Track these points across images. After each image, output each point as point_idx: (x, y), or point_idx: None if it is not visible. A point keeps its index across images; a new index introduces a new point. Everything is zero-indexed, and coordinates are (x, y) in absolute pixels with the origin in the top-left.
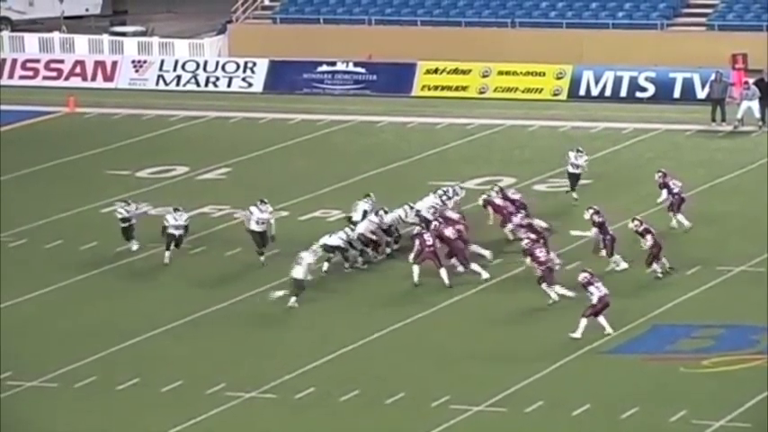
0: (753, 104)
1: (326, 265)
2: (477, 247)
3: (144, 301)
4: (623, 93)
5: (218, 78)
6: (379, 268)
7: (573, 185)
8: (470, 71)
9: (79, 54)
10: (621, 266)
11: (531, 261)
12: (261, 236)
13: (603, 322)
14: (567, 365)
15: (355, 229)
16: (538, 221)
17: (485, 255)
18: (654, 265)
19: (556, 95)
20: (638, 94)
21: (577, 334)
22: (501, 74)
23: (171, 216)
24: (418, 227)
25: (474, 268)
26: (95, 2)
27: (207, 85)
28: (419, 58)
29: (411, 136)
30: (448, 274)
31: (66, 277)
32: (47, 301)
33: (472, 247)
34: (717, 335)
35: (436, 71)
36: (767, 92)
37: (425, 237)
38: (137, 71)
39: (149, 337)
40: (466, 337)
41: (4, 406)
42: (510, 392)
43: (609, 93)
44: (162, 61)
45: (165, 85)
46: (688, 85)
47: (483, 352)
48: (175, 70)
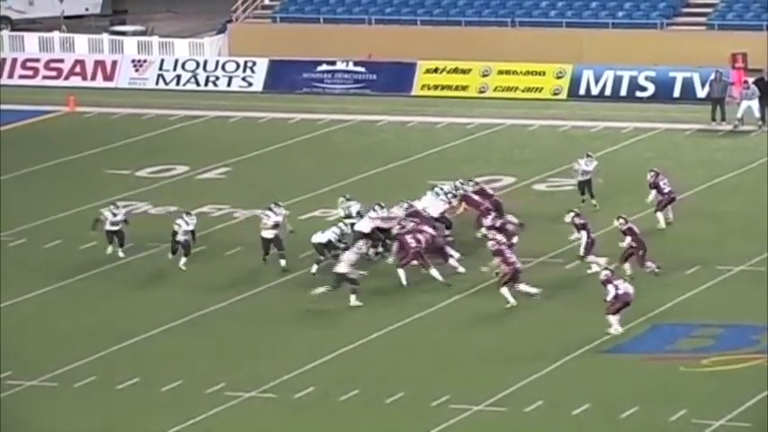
0: (753, 104)
1: (315, 267)
2: (525, 285)
3: (144, 301)
4: (623, 92)
5: (217, 78)
6: (379, 268)
7: (590, 192)
8: (470, 70)
9: (79, 53)
10: (595, 268)
11: (499, 261)
12: (274, 242)
13: (613, 320)
14: (566, 365)
15: (355, 226)
16: (510, 217)
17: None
18: (626, 263)
19: (556, 95)
20: (638, 93)
21: (613, 330)
22: (501, 73)
23: (182, 220)
24: (397, 227)
25: (451, 263)
26: (95, 1)
27: (207, 84)
28: (419, 57)
29: (411, 135)
30: (447, 273)
31: (66, 277)
32: (47, 301)
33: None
34: (716, 334)
35: (436, 70)
36: (767, 91)
37: (407, 239)
38: (137, 71)
39: (149, 336)
40: (466, 337)
41: (4, 406)
42: (510, 392)
43: (609, 92)
44: (162, 61)
45: (165, 84)
46: (688, 85)
47: (483, 352)
48: (175, 70)
